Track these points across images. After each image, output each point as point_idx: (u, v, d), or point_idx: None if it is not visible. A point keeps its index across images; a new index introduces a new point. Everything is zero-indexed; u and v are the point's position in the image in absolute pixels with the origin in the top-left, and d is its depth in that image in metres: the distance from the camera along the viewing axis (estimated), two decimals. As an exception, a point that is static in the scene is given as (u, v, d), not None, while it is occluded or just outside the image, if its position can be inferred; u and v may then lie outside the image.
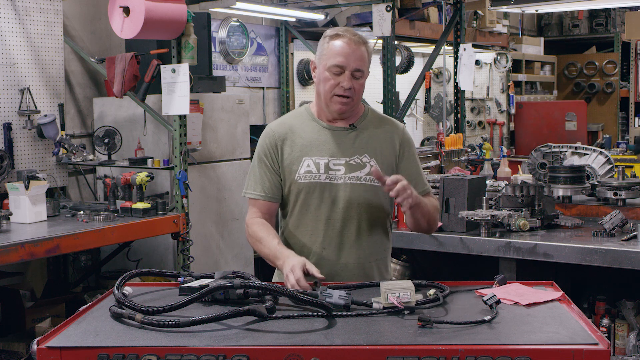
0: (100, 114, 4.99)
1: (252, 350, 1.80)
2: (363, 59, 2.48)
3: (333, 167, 2.51)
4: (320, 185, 2.50)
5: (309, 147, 2.53)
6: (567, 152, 4.75)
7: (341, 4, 6.85)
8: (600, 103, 10.69)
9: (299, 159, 2.53)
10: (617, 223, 3.67)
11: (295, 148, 2.54)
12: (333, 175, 2.50)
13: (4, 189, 4.16)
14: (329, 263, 2.52)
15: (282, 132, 2.58)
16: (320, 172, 2.51)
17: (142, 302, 2.13)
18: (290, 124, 2.61)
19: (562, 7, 7.51)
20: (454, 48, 7.04)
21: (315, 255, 2.53)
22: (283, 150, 2.56)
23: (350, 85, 2.46)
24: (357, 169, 2.51)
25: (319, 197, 2.51)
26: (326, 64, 2.48)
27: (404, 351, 1.78)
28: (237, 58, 6.31)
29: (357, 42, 2.47)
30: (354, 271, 2.54)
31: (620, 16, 10.54)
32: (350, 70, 2.45)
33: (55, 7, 4.68)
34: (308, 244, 2.54)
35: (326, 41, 2.50)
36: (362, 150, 2.54)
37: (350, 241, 2.53)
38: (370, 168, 2.51)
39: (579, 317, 2.05)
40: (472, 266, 3.91)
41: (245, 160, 5.29)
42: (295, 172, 2.52)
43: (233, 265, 5.12)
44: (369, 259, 2.57)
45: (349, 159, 2.52)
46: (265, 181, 2.57)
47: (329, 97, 2.49)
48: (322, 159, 2.52)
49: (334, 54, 2.46)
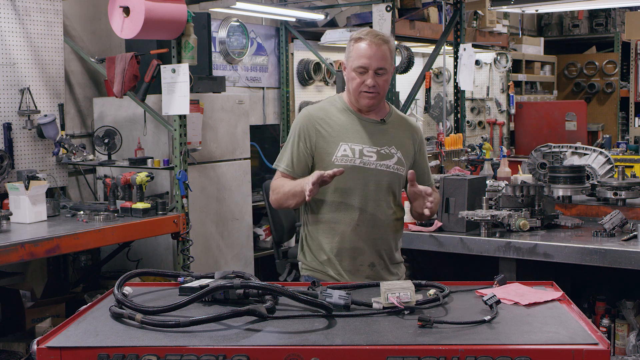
0: (100, 114, 4.99)
1: (252, 350, 1.80)
2: (385, 58, 2.73)
3: (367, 153, 2.77)
4: (355, 169, 2.74)
5: (345, 133, 2.78)
6: (567, 152, 4.75)
7: (341, 4, 6.85)
8: (600, 103, 10.69)
9: (336, 143, 2.77)
10: (617, 223, 3.67)
11: (332, 132, 2.78)
12: (367, 161, 2.76)
13: (4, 189, 4.16)
14: (362, 239, 2.77)
15: (319, 115, 2.83)
16: (355, 157, 2.75)
17: (142, 302, 2.13)
18: (326, 109, 2.86)
19: (562, 7, 7.51)
20: (454, 48, 7.04)
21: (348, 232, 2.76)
22: (319, 132, 2.79)
23: (374, 83, 2.72)
24: (386, 158, 2.79)
25: (352, 180, 2.74)
26: (352, 65, 2.75)
27: (404, 351, 1.79)
28: (237, 58, 6.31)
29: (378, 43, 2.72)
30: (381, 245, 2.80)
31: (620, 16, 10.54)
32: (373, 70, 2.71)
33: (55, 7, 4.68)
34: (342, 222, 2.76)
35: (351, 44, 2.77)
36: (391, 142, 2.82)
37: (379, 220, 2.78)
38: (397, 159, 2.80)
39: (579, 317, 2.05)
40: (472, 266, 3.91)
41: (245, 160, 5.29)
42: (333, 154, 2.75)
43: (233, 265, 5.12)
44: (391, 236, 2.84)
45: (380, 149, 2.79)
46: (296, 157, 2.80)
47: (357, 94, 2.76)
48: (357, 145, 2.77)
49: (358, 56, 2.73)
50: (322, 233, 2.81)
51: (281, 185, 2.79)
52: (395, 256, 2.89)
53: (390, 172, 2.79)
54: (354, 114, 2.83)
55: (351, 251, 2.77)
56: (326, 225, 2.80)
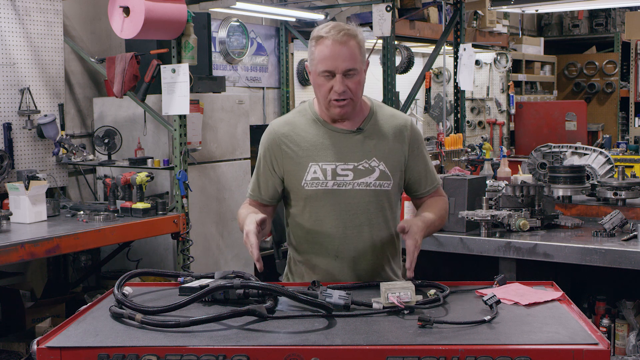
0: (100, 114, 4.99)
1: (252, 350, 1.80)
2: (352, 56, 2.33)
3: (341, 172, 2.42)
4: (328, 193, 2.42)
5: (314, 151, 2.44)
6: (567, 152, 4.75)
7: (341, 4, 6.85)
8: (600, 103, 10.70)
9: (304, 164, 2.43)
10: (617, 223, 3.66)
11: (300, 151, 2.45)
12: (341, 182, 2.42)
13: (4, 189, 4.16)
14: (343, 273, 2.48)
15: (284, 132, 2.49)
16: (327, 179, 2.42)
17: (142, 302, 2.12)
18: (294, 122, 2.51)
19: (562, 7, 7.52)
20: (454, 48, 7.04)
21: (328, 265, 2.48)
22: (285, 152, 2.46)
23: (344, 88, 2.34)
24: (365, 175, 2.43)
25: (327, 204, 2.43)
26: (316, 70, 2.37)
27: (404, 351, 1.78)
28: (237, 58, 6.31)
29: (342, 40, 2.32)
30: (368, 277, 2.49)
31: (620, 16, 10.54)
32: (340, 73, 2.32)
33: (55, 7, 4.68)
34: (321, 254, 2.48)
35: (312, 45, 2.39)
36: (370, 154, 2.44)
37: (364, 249, 2.47)
38: (380, 173, 2.44)
39: (579, 317, 2.05)
40: (472, 266, 3.90)
41: (245, 160, 5.29)
42: (302, 178, 2.43)
43: (233, 265, 5.12)
44: (381, 263, 2.52)
45: (357, 164, 2.43)
46: (265, 183, 2.53)
47: (327, 103, 2.39)
48: (329, 164, 2.42)
49: (320, 59, 2.34)
50: (303, 266, 2.53)
51: (239, 214, 2.49)
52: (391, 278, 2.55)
53: (372, 190, 2.43)
54: (324, 126, 2.45)
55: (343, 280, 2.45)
56: (305, 259, 2.51)
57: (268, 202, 2.55)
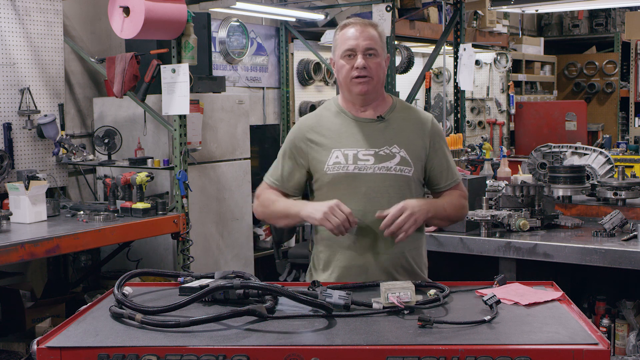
0: (100, 114, 4.99)
1: (252, 350, 1.80)
2: (372, 38, 2.50)
3: (362, 157, 2.50)
4: (349, 176, 2.49)
5: (338, 139, 2.54)
6: (567, 152, 4.75)
7: (341, 4, 6.85)
8: (600, 103, 10.70)
9: (328, 151, 2.53)
10: (617, 223, 3.67)
11: (324, 140, 2.55)
12: (362, 166, 2.49)
13: (4, 189, 4.16)
14: (364, 255, 2.52)
15: (311, 123, 2.61)
16: (348, 163, 2.50)
17: (142, 302, 2.12)
18: (320, 115, 2.64)
19: (562, 7, 7.51)
20: (454, 48, 7.04)
21: (349, 248, 2.52)
22: (311, 141, 2.57)
23: (365, 64, 2.47)
24: (386, 160, 2.50)
25: (348, 188, 2.50)
26: (339, 52, 2.52)
27: (404, 351, 1.78)
28: (237, 58, 6.31)
29: (363, 24, 2.51)
30: (389, 262, 2.53)
31: (620, 16, 10.54)
32: (361, 51, 2.48)
33: (55, 7, 4.68)
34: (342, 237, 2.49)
35: (336, 33, 2.57)
36: (392, 141, 2.53)
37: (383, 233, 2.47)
38: (400, 159, 2.51)
39: (579, 317, 2.05)
40: (472, 266, 3.91)
41: (245, 160, 5.29)
42: (325, 163, 2.53)
43: (233, 265, 5.12)
44: (402, 250, 2.54)
45: (379, 150, 2.51)
46: (284, 171, 2.61)
47: (349, 82, 2.51)
48: (351, 149, 2.51)
49: (343, 41, 2.51)
50: (324, 252, 2.59)
51: (272, 200, 2.57)
52: (415, 271, 2.57)
53: (392, 174, 2.49)
54: (348, 116, 2.57)
55: (353, 269, 2.51)
56: (326, 243, 2.57)
57: (291, 193, 2.62)
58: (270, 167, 2.68)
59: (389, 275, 2.51)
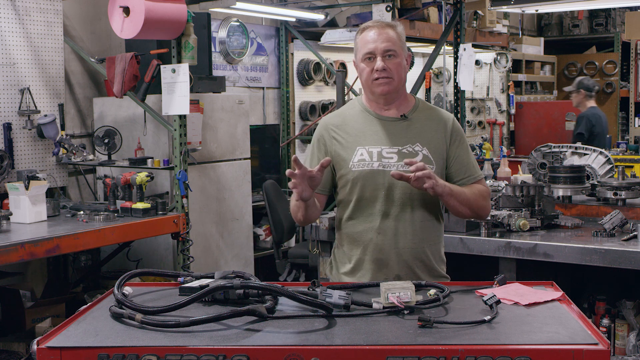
0: (100, 114, 4.99)
1: (252, 350, 1.80)
2: (391, 39, 2.56)
3: (386, 155, 2.57)
4: (373, 173, 2.55)
5: (362, 137, 2.60)
6: (567, 152, 4.75)
7: (341, 4, 6.85)
8: (600, 103, 10.68)
9: (352, 148, 2.59)
10: (617, 223, 3.67)
11: (348, 137, 2.62)
12: (386, 163, 2.56)
13: (4, 189, 4.16)
14: (385, 249, 2.58)
15: (335, 122, 2.67)
16: (373, 160, 2.57)
17: (142, 302, 2.12)
18: (344, 114, 2.71)
19: (562, 7, 7.52)
20: (454, 48, 7.04)
21: (371, 242, 2.59)
22: (337, 139, 2.63)
23: (384, 66, 2.54)
24: (410, 157, 2.55)
25: (373, 184, 2.57)
26: (360, 56, 2.59)
27: (404, 351, 1.78)
28: (237, 58, 6.31)
29: (382, 26, 2.58)
30: (409, 256, 2.59)
31: (620, 16, 10.55)
32: (380, 54, 2.54)
33: (55, 7, 4.68)
34: (364, 231, 2.60)
35: (356, 37, 2.63)
36: (414, 139, 2.60)
37: (404, 227, 2.58)
38: (423, 157, 2.57)
39: (579, 317, 2.05)
40: (472, 266, 3.91)
41: (245, 160, 5.29)
42: (350, 160, 2.58)
43: (233, 265, 5.12)
44: (422, 245, 2.61)
45: (402, 148, 2.58)
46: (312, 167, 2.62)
47: (370, 83, 2.58)
48: (375, 147, 2.58)
49: (362, 44, 2.58)
50: (346, 245, 2.66)
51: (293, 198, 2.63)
52: (434, 267, 2.65)
53: None
54: (372, 114, 2.64)
55: (374, 263, 2.59)
56: (349, 236, 2.65)
57: (320, 191, 2.63)
58: None
59: (409, 269, 2.59)
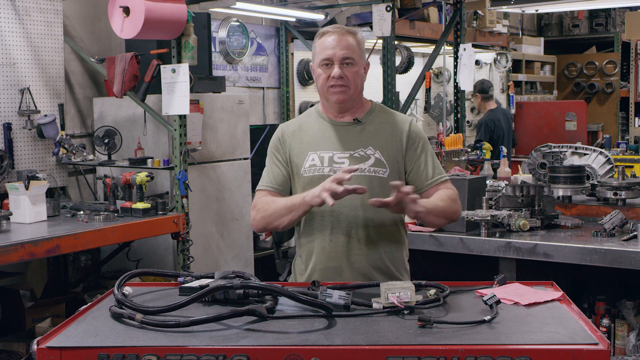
0: (100, 114, 4.99)
1: (252, 350, 1.80)
2: (350, 47, 2.52)
3: (337, 160, 2.54)
4: (323, 178, 2.46)
5: (315, 143, 2.59)
6: (567, 152, 4.75)
7: (341, 4, 6.85)
8: (600, 103, 10.70)
9: (304, 154, 2.58)
10: (617, 223, 3.67)
11: (302, 144, 2.61)
12: (337, 168, 2.51)
13: (4, 189, 4.16)
14: (337, 257, 2.54)
15: (291, 129, 2.67)
16: (324, 165, 2.54)
17: (142, 302, 2.12)
18: (300, 121, 2.71)
19: (562, 7, 7.52)
20: (454, 48, 7.04)
21: (323, 250, 2.55)
22: (292, 146, 2.62)
23: (341, 74, 2.50)
24: (361, 161, 2.52)
25: None
26: (317, 61, 2.56)
27: (404, 351, 1.79)
28: (237, 58, 6.31)
29: (341, 33, 2.53)
30: (363, 264, 2.54)
31: (620, 16, 10.55)
32: (338, 61, 2.51)
33: (55, 7, 4.68)
34: (317, 239, 2.56)
35: (315, 42, 2.60)
36: (367, 143, 2.56)
37: (357, 233, 2.52)
38: (375, 160, 2.53)
39: (579, 317, 2.05)
40: (472, 266, 3.91)
41: (245, 160, 5.29)
42: (301, 166, 2.58)
43: (233, 265, 5.12)
44: (377, 252, 2.55)
45: (353, 152, 2.55)
46: (272, 173, 2.63)
47: (325, 90, 2.55)
48: (327, 152, 2.56)
49: (321, 50, 2.55)
50: (304, 254, 2.62)
51: (270, 201, 2.54)
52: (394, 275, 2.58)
53: (366, 176, 2.49)
54: (326, 120, 2.62)
55: (327, 272, 2.53)
56: (304, 245, 2.61)
57: (280, 191, 2.61)
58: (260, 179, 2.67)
59: (365, 278, 2.51)
